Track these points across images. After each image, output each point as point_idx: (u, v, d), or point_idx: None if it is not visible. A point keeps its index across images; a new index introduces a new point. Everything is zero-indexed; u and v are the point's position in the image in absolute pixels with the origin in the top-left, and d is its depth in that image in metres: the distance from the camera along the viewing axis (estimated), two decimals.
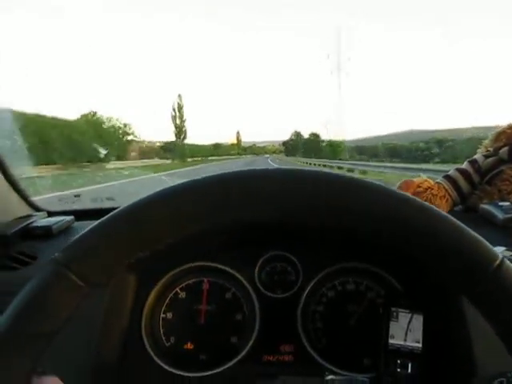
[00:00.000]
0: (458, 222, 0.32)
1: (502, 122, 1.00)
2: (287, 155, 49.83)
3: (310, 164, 20.17)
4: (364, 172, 11.12)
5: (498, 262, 0.30)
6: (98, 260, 0.32)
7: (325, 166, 17.10)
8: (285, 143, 57.27)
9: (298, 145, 51.26)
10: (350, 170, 11.85)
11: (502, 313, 0.31)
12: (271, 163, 19.42)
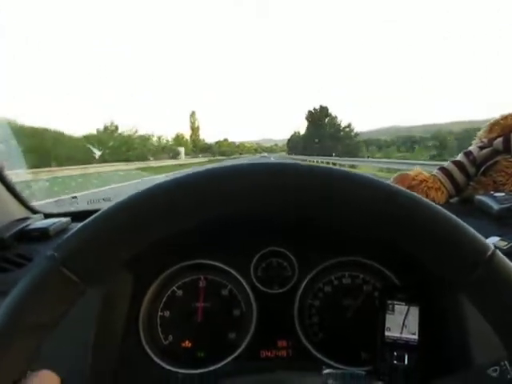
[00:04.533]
0: (450, 214, 0.32)
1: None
2: (289, 153, 41.76)
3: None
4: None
5: (489, 253, 0.31)
6: (91, 256, 0.32)
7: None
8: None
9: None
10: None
11: (493, 303, 0.31)
12: None
